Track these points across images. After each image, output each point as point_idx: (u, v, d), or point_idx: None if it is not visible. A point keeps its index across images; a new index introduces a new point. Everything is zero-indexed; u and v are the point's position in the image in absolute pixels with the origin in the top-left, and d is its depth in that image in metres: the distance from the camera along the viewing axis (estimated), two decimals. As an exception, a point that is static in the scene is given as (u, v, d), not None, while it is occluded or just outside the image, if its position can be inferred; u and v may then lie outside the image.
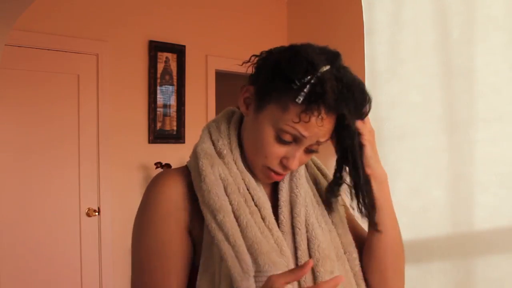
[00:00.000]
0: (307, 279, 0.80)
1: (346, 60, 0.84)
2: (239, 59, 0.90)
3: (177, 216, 0.80)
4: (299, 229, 0.83)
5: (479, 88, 1.10)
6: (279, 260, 0.76)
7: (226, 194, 0.80)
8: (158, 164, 2.96)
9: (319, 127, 0.75)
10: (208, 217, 0.77)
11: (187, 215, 0.80)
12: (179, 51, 3.33)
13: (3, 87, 2.70)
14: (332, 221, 0.88)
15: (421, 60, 1.18)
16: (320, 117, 0.74)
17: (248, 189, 0.82)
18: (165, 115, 3.30)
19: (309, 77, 0.73)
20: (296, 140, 0.78)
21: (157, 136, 3.25)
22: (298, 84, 0.73)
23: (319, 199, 0.89)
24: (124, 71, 3.12)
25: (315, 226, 0.84)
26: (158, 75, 3.27)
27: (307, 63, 0.74)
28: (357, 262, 0.88)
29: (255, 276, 0.77)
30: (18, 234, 2.76)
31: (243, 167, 0.84)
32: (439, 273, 1.14)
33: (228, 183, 0.81)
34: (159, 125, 3.27)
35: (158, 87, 3.26)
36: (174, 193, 0.82)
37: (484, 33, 1.09)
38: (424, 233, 1.16)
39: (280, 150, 0.79)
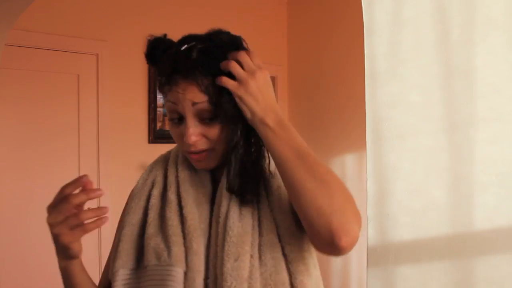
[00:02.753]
0: (218, 264, 0.83)
1: (346, 60, 0.85)
2: (239, 59, 0.90)
3: None
4: (217, 219, 0.87)
5: (479, 88, 1.10)
6: (165, 257, 0.84)
7: (149, 195, 0.93)
8: (158, 164, 2.96)
9: (180, 90, 0.83)
10: (123, 214, 0.96)
11: None
12: (179, 51, 3.33)
13: (3, 86, 2.70)
14: (272, 210, 0.88)
15: (421, 60, 1.18)
16: (176, 84, 0.83)
17: (178, 186, 0.91)
18: (165, 115, 3.30)
19: (160, 59, 0.87)
20: (180, 114, 0.86)
21: (157, 136, 3.25)
22: (156, 68, 0.88)
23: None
24: (124, 71, 3.12)
25: (234, 217, 0.85)
26: (158, 75, 3.26)
27: (157, 49, 0.88)
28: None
29: (137, 270, 0.88)
30: (18, 233, 2.76)
31: (186, 165, 0.93)
32: (439, 273, 1.14)
33: (157, 186, 0.94)
34: (159, 125, 3.28)
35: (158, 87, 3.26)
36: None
37: (484, 33, 1.10)
38: (424, 233, 1.15)
39: (177, 130, 0.88)
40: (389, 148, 1.21)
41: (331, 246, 0.75)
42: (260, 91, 0.82)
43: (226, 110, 0.84)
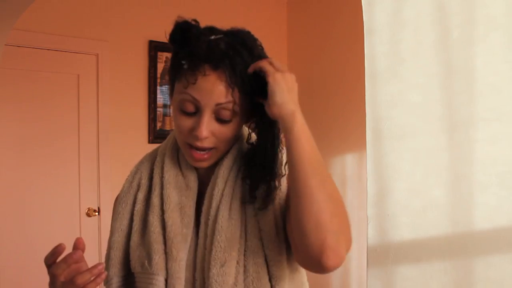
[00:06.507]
0: (205, 269, 0.84)
1: (346, 60, 0.85)
2: (239, 59, 0.90)
3: None
4: (206, 221, 0.87)
5: (479, 88, 1.10)
6: (147, 266, 0.85)
7: (135, 199, 0.92)
8: (158, 164, 2.96)
9: (208, 86, 0.79)
10: (112, 219, 0.94)
11: None
12: (179, 51, 3.33)
13: (3, 86, 2.70)
14: (257, 214, 0.86)
15: (421, 60, 1.18)
16: (204, 74, 0.79)
17: (162, 188, 0.89)
18: (165, 115, 3.31)
19: (190, 44, 0.81)
20: (197, 108, 0.81)
21: (157, 136, 3.25)
22: (182, 52, 0.81)
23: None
24: (124, 71, 3.12)
25: (223, 220, 0.84)
26: (158, 75, 3.27)
27: (189, 33, 0.83)
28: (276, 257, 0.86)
29: (128, 276, 0.90)
30: (18, 234, 2.76)
31: (172, 165, 0.90)
32: (439, 273, 1.14)
33: (142, 189, 0.92)
34: (159, 125, 3.28)
35: (158, 87, 3.26)
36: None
37: (484, 33, 1.10)
38: (424, 233, 1.16)
39: (187, 122, 0.83)
40: (389, 148, 1.21)
41: (316, 263, 0.75)
42: (290, 86, 0.80)
43: (247, 110, 0.84)
